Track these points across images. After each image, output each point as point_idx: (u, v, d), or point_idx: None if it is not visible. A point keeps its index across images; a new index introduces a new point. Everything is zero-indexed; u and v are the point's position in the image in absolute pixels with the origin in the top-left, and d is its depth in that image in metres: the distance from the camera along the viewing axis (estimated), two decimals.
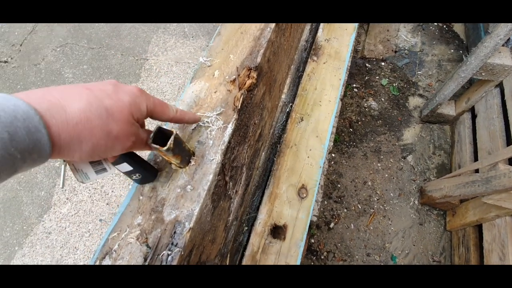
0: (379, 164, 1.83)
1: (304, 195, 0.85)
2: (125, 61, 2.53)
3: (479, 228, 1.38)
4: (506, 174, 1.06)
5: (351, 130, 1.98)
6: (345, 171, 1.82)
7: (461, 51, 2.41)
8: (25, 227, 1.80)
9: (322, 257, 1.56)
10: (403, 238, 1.58)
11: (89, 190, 1.89)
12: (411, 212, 1.65)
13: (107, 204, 1.83)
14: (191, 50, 2.51)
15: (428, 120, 1.95)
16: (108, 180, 1.92)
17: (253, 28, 0.72)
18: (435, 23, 2.55)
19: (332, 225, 1.65)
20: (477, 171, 1.40)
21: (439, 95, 1.76)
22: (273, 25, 0.72)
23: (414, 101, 2.09)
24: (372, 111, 2.06)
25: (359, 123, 2.01)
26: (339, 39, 1.19)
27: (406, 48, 2.43)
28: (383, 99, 2.12)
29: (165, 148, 0.41)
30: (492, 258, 1.23)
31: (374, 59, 2.38)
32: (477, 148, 1.57)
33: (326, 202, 1.73)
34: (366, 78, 2.26)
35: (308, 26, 1.25)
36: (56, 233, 1.79)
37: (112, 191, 1.87)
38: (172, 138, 0.42)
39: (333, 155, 1.90)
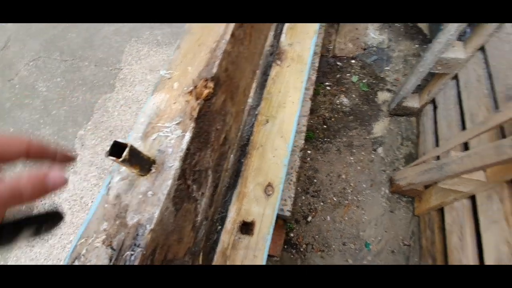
0: (352, 158, 1.92)
1: (270, 192, 0.92)
2: (99, 71, 2.52)
3: (441, 211, 1.49)
4: (455, 160, 1.16)
5: (325, 126, 2.07)
6: (321, 166, 1.91)
7: (425, 46, 2.55)
8: None
9: (301, 249, 1.64)
10: (376, 226, 1.68)
11: (69, 202, 1.89)
12: (382, 201, 1.75)
13: (87, 214, 1.84)
14: (164, 58, 2.53)
15: (395, 113, 2.07)
16: (87, 191, 1.92)
17: (210, 40, 0.77)
18: None
19: (309, 218, 1.73)
20: (438, 158, 1.52)
21: (403, 89, 1.87)
22: (228, 36, 0.78)
23: (383, 96, 2.21)
24: (344, 107, 2.16)
25: (332, 119, 2.10)
26: (301, 43, 1.26)
27: (374, 45, 2.54)
28: (354, 96, 2.22)
29: (120, 159, 0.46)
30: (453, 239, 1.34)
31: (345, 57, 2.49)
32: (438, 138, 1.69)
33: (303, 197, 1.81)
34: (338, 76, 2.36)
35: (272, 32, 1.32)
36: (39, 246, 1.78)
37: (92, 201, 1.87)
38: (127, 149, 0.46)
39: (309, 151, 1.98)
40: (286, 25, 1.32)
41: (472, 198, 1.32)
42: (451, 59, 1.56)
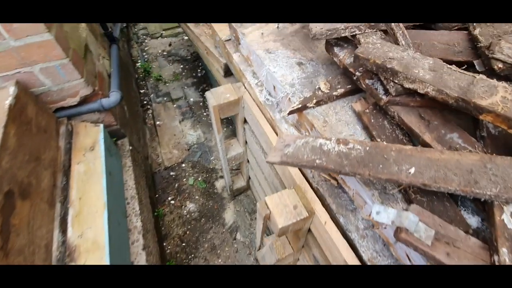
0: (220, 260, 1.98)
1: None
2: None
3: None
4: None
5: (184, 244, 2.08)
6: None
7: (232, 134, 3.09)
8: None
9: None
10: None
11: None
12: None
13: None
14: None
15: (234, 195, 2.33)
16: None
17: None
18: (206, 114, 3.18)
19: None
20: None
21: (225, 175, 2.15)
22: None
23: (220, 184, 2.46)
24: (193, 214, 2.26)
25: (188, 233, 2.14)
26: (92, 227, 1.25)
27: (195, 142, 2.87)
28: (197, 197, 2.37)
29: None
30: None
31: (175, 164, 2.67)
32: None
33: None
34: (176, 185, 2.48)
35: (56, 230, 1.24)
36: None
37: None
38: None
39: None
40: (70, 214, 1.29)
41: None
42: (235, 155, 1.91)
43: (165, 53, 4.27)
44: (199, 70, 3.87)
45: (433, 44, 0.89)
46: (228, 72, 2.02)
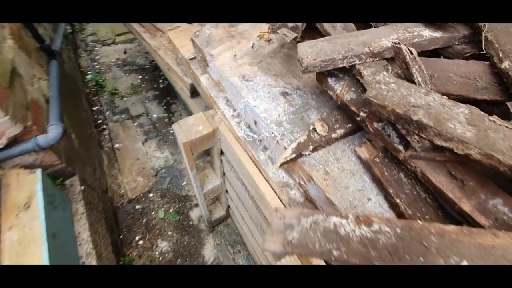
0: None
1: None
2: None
3: None
4: None
5: None
6: None
7: None
8: None
9: None
10: None
11: None
12: None
13: None
14: None
15: (213, 226, 2.09)
16: None
17: None
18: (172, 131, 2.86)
19: None
20: None
21: (202, 208, 1.90)
22: None
23: (195, 214, 2.20)
24: (166, 254, 1.97)
25: None
26: None
27: (162, 166, 2.56)
28: (170, 232, 2.09)
29: None
30: None
31: (141, 194, 2.34)
32: None
33: None
34: (144, 221, 2.16)
35: None
36: None
37: None
38: None
39: None
40: None
41: None
42: (212, 188, 1.67)
43: (119, 62, 3.82)
44: (160, 81, 3.51)
45: (448, 77, 0.74)
46: (195, 93, 1.76)
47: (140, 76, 3.59)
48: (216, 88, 1.29)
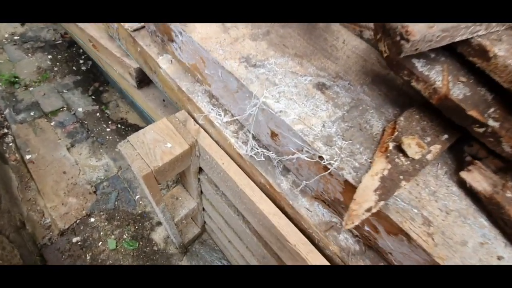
0: None
1: None
2: None
3: None
4: None
5: None
6: None
7: None
8: None
9: None
10: None
11: None
12: None
13: None
14: None
15: (186, 247, 1.67)
16: None
17: None
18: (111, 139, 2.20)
19: None
20: None
21: (172, 232, 1.46)
22: None
23: (159, 235, 1.73)
24: None
25: None
26: None
27: (103, 178, 1.94)
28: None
29: None
30: None
31: (78, 221, 1.74)
32: None
33: None
34: (89, 257, 1.61)
35: None
36: None
37: None
38: None
39: None
40: None
41: None
42: (186, 213, 1.24)
43: (16, 37, 2.78)
44: (81, 61, 2.67)
45: None
46: (144, 82, 1.22)
47: (50, 56, 2.67)
48: (189, 77, 0.82)
